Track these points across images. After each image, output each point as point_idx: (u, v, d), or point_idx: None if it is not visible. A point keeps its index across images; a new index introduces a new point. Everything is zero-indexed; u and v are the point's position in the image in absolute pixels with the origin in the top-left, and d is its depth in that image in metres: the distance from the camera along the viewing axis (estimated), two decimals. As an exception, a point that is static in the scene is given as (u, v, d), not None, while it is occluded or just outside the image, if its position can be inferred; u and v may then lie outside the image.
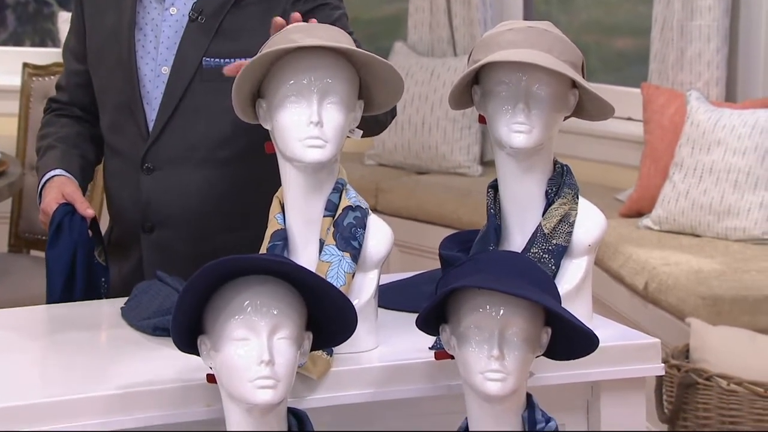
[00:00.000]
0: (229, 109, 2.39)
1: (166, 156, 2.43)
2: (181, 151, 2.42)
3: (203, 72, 2.42)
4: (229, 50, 2.41)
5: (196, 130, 2.42)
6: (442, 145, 4.95)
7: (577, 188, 2.10)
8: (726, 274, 3.73)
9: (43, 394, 1.87)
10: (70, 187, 2.46)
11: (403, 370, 1.98)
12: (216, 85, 2.39)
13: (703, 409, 3.27)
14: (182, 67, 2.42)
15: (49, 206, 2.44)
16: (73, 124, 2.58)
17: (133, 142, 2.46)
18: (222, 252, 2.24)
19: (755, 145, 4.01)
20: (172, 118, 2.42)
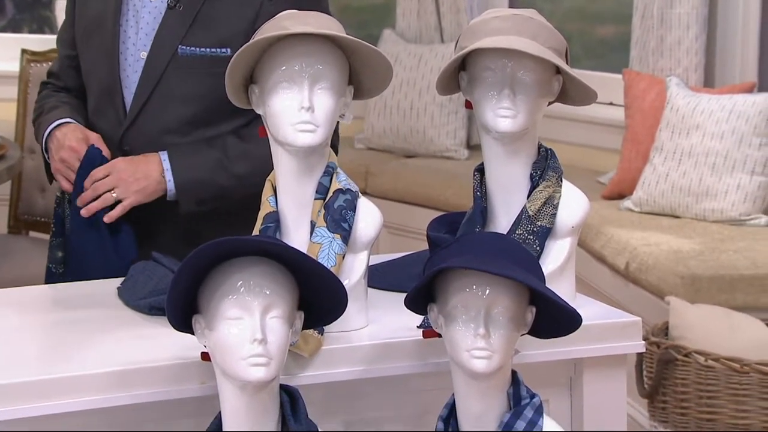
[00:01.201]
0: (203, 95, 2.45)
1: (142, 139, 2.47)
2: (155, 134, 2.47)
3: (178, 59, 2.45)
4: (205, 39, 2.45)
5: (169, 114, 2.46)
6: (430, 130, 4.98)
7: (561, 171, 2.11)
8: (704, 254, 3.76)
9: (41, 372, 1.88)
10: (94, 135, 2.48)
11: (392, 348, 2.00)
12: (190, 72, 2.44)
13: (682, 384, 3.31)
14: (159, 53, 2.46)
15: (80, 144, 2.45)
16: (73, 98, 2.61)
17: (112, 126, 2.50)
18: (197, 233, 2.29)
19: (732, 129, 4.05)
20: (147, 102, 2.46)
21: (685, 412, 3.34)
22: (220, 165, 2.48)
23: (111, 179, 2.45)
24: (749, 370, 3.23)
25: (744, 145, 4.04)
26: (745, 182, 4.04)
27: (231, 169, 2.48)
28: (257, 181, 2.47)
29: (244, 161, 2.48)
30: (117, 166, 2.46)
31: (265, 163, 2.48)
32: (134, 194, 2.46)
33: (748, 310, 3.51)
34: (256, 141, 2.47)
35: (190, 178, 2.47)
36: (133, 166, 2.46)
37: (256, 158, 2.44)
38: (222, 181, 2.48)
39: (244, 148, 2.49)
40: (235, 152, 2.48)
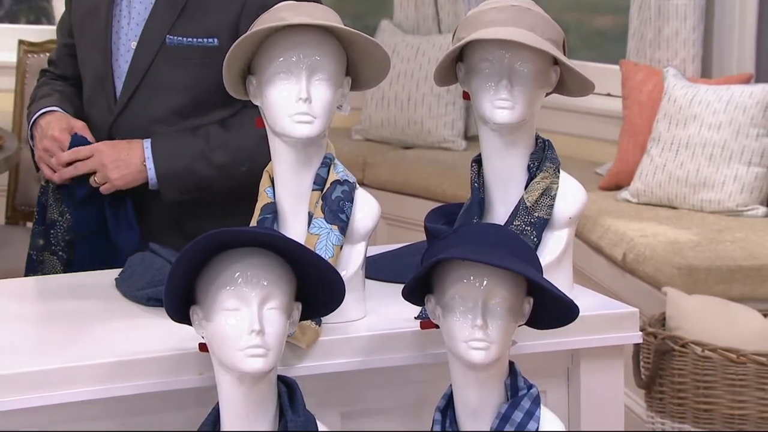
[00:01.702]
0: (191, 85, 2.46)
1: (129, 128, 2.49)
2: (143, 124, 2.49)
3: (167, 49, 2.47)
4: (193, 29, 2.46)
5: (157, 104, 2.48)
6: (427, 121, 4.98)
7: (559, 162, 2.12)
8: (701, 244, 3.77)
9: (38, 363, 1.88)
10: (79, 124, 2.50)
11: (389, 339, 2.00)
12: (178, 62, 2.46)
13: (679, 374, 3.32)
14: (147, 42, 2.47)
15: (62, 134, 2.47)
16: (68, 86, 2.63)
17: (103, 115, 2.52)
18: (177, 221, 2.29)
19: (730, 120, 4.05)
20: (136, 92, 2.48)
21: (682, 403, 3.35)
22: (202, 155, 2.50)
23: (92, 162, 2.47)
24: (746, 360, 3.24)
25: (741, 135, 4.05)
26: (742, 173, 4.05)
27: (212, 159, 2.50)
28: (239, 171, 2.51)
29: (225, 151, 2.50)
30: (100, 150, 2.48)
31: (247, 153, 2.51)
32: (114, 180, 2.48)
33: (745, 301, 3.52)
34: (239, 131, 2.51)
35: (171, 168, 2.49)
36: (116, 152, 2.48)
37: (238, 148, 2.47)
38: (203, 171, 2.50)
39: (226, 137, 2.50)
40: (216, 142, 2.50)
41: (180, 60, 2.47)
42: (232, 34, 2.46)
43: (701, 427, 3.34)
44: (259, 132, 2.51)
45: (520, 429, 1.85)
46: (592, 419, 2.14)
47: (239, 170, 2.50)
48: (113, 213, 2.51)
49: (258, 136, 2.50)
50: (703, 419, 3.33)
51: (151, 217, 2.53)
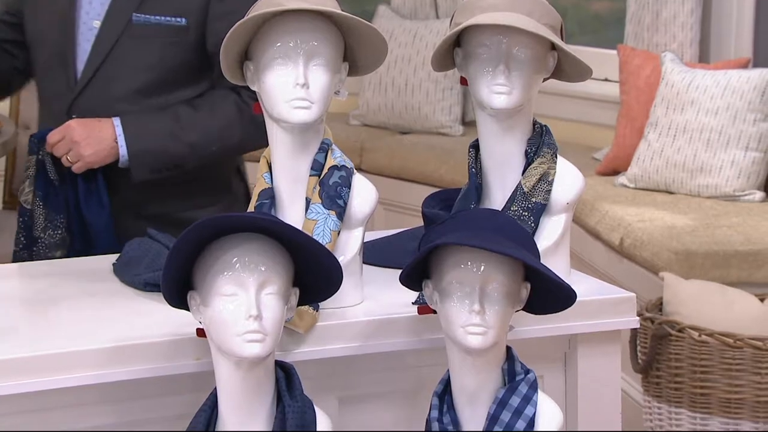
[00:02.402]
0: (155, 64, 2.48)
1: (91, 106, 2.52)
2: (105, 102, 2.51)
3: (132, 27, 2.49)
4: (161, 8, 2.49)
5: (121, 82, 2.51)
6: (425, 106, 4.98)
7: (556, 147, 2.12)
8: (698, 229, 3.77)
9: (35, 348, 1.88)
10: None
11: (387, 325, 2.01)
12: (144, 41, 2.47)
13: (676, 359, 3.33)
14: (113, 20, 2.49)
15: None
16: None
17: (61, 90, 2.54)
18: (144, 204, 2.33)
19: (727, 105, 4.05)
20: (99, 69, 2.50)
21: (679, 387, 3.36)
22: (172, 133, 2.52)
23: (65, 143, 2.50)
24: (743, 345, 3.24)
25: (739, 120, 4.05)
26: (739, 158, 4.05)
27: (183, 138, 2.52)
28: (208, 151, 2.55)
29: (195, 130, 2.53)
30: (72, 128, 2.50)
31: (217, 133, 2.55)
32: (87, 157, 2.49)
33: (742, 286, 3.53)
34: (208, 111, 2.54)
35: (143, 145, 2.51)
36: (87, 129, 2.49)
37: (208, 128, 2.51)
38: (174, 150, 2.52)
39: (195, 117, 2.53)
40: (186, 121, 2.52)
41: (145, 39, 2.50)
42: (201, 14, 2.50)
43: (698, 412, 3.35)
44: (228, 113, 2.56)
45: (518, 414, 1.85)
46: (589, 404, 2.14)
47: (209, 150, 2.55)
48: (85, 188, 2.52)
49: (227, 117, 2.56)
50: (699, 403, 3.34)
51: (113, 198, 2.54)
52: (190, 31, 2.53)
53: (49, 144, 2.50)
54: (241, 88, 2.57)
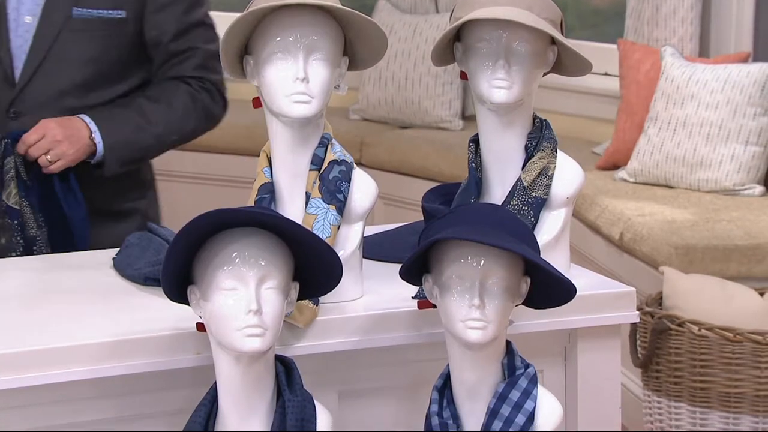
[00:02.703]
0: (97, 57, 2.52)
1: (35, 102, 2.54)
2: (49, 98, 2.54)
3: (72, 21, 2.51)
4: (99, 1, 2.53)
5: (64, 77, 2.54)
6: (425, 100, 4.98)
7: (556, 142, 2.12)
8: (698, 224, 3.78)
9: (35, 342, 1.88)
10: None
11: (387, 319, 2.01)
12: (84, 35, 2.50)
13: (675, 353, 3.33)
14: (52, 15, 2.52)
15: None
16: None
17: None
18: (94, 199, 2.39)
19: (727, 99, 4.05)
20: (41, 65, 2.52)
21: (679, 381, 3.36)
22: (140, 126, 2.58)
23: (45, 142, 2.51)
24: (742, 339, 3.25)
25: (738, 115, 4.05)
26: (739, 152, 4.05)
27: (150, 130, 2.59)
28: (169, 141, 2.64)
29: (159, 122, 2.59)
30: (51, 128, 2.51)
31: (178, 123, 2.62)
32: (69, 156, 2.52)
33: (742, 280, 3.53)
34: (166, 102, 2.61)
35: (117, 140, 2.56)
36: (66, 128, 2.53)
37: (169, 119, 2.58)
38: (143, 142, 2.60)
39: (157, 108, 2.60)
40: (151, 114, 2.59)
41: (86, 32, 2.53)
42: (139, 6, 2.54)
43: (697, 406, 3.35)
44: (185, 103, 2.63)
45: (518, 408, 1.85)
46: (589, 398, 2.15)
47: (170, 140, 2.64)
48: (62, 186, 2.54)
49: (184, 107, 2.63)
50: (699, 398, 3.34)
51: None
52: (128, 23, 2.57)
53: (25, 144, 2.50)
54: (189, 78, 2.64)
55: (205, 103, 2.67)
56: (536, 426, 1.86)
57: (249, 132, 5.14)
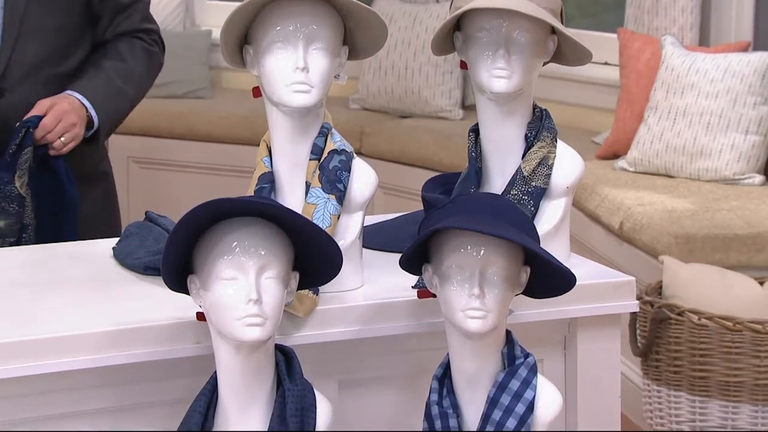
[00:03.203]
0: (61, 26, 2.56)
1: (17, 77, 2.55)
2: (31, 67, 2.55)
3: None
4: None
5: (37, 48, 2.55)
6: (425, 90, 4.98)
7: (556, 131, 2.12)
8: (698, 213, 3.78)
9: (35, 331, 1.88)
10: None
11: (386, 308, 2.01)
12: (48, 4, 2.52)
13: (675, 342, 3.33)
14: None
15: None
16: None
17: None
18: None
19: (727, 89, 4.05)
20: (19, 37, 2.54)
21: (678, 370, 3.37)
22: (119, 91, 2.63)
23: (63, 126, 2.54)
24: (742, 328, 3.25)
25: (738, 104, 4.05)
26: (739, 141, 4.05)
27: (127, 94, 2.64)
28: (139, 99, 2.69)
29: (131, 83, 2.65)
30: (65, 110, 2.54)
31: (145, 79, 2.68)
32: (81, 136, 2.56)
33: (742, 269, 3.54)
34: (131, 59, 2.65)
35: (108, 111, 2.60)
36: (73, 107, 2.55)
37: (138, 77, 2.64)
38: (123, 107, 2.66)
39: (126, 68, 2.64)
40: (122, 76, 2.63)
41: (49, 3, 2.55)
42: None
43: (697, 395, 3.36)
44: (144, 59, 2.67)
45: (517, 397, 1.85)
46: (589, 387, 2.15)
47: (139, 98, 2.69)
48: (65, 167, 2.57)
49: (145, 63, 2.68)
50: (698, 387, 3.35)
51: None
52: None
53: (45, 129, 2.51)
54: (140, 32, 2.68)
55: (159, 57, 2.73)
56: (536, 415, 1.86)
57: (249, 121, 5.15)
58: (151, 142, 5.40)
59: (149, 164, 5.46)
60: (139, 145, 5.42)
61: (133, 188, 5.46)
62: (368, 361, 2.04)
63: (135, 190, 5.46)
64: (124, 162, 5.48)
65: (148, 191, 5.42)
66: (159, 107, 5.35)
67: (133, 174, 5.47)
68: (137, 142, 5.42)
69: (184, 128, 5.34)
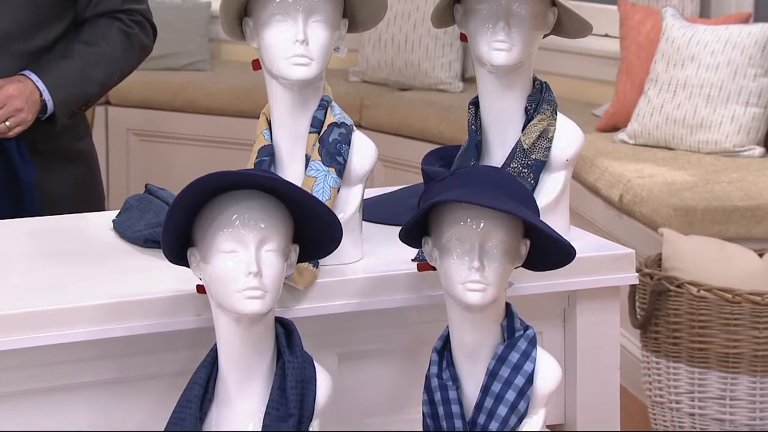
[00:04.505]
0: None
1: None
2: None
3: None
4: None
5: (8, 21, 2.52)
6: (425, 62, 4.97)
7: (556, 104, 2.11)
8: (698, 185, 3.78)
9: (35, 303, 1.88)
10: None
11: (386, 281, 2.01)
12: None
13: (674, 314, 3.34)
14: None
15: None
16: None
17: None
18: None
19: (728, 60, 4.05)
20: None
21: (677, 342, 3.37)
22: (84, 75, 2.58)
23: (5, 111, 2.51)
24: (741, 300, 3.26)
25: (739, 76, 4.04)
26: (739, 113, 4.05)
27: (93, 77, 2.60)
28: (111, 82, 2.65)
29: (100, 66, 2.60)
30: (12, 95, 2.51)
31: (118, 63, 2.64)
32: (29, 121, 2.53)
33: (741, 241, 3.54)
34: (104, 43, 2.61)
35: (65, 94, 2.56)
36: (21, 92, 2.52)
37: (110, 61, 2.60)
38: (88, 90, 2.61)
39: (96, 52, 2.60)
40: (90, 59, 2.59)
41: None
42: None
43: (696, 366, 3.37)
44: (120, 41, 2.64)
45: (517, 369, 1.86)
46: (588, 359, 2.15)
47: (112, 81, 2.65)
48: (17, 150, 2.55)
49: (121, 46, 2.64)
50: (697, 358, 3.36)
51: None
52: None
53: None
54: (120, 13, 2.65)
55: (140, 38, 2.68)
56: (535, 387, 1.86)
57: (248, 94, 5.14)
58: (150, 114, 5.39)
59: (149, 137, 5.46)
60: (138, 117, 5.42)
61: (133, 161, 5.46)
62: (368, 333, 2.04)
63: (134, 163, 5.46)
64: (124, 134, 5.48)
65: (147, 164, 5.42)
66: (158, 79, 5.34)
67: (132, 146, 5.47)
68: (137, 115, 5.42)
69: (184, 101, 5.34)
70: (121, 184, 5.37)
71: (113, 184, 5.31)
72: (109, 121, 5.44)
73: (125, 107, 5.42)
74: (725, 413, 3.36)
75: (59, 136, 2.61)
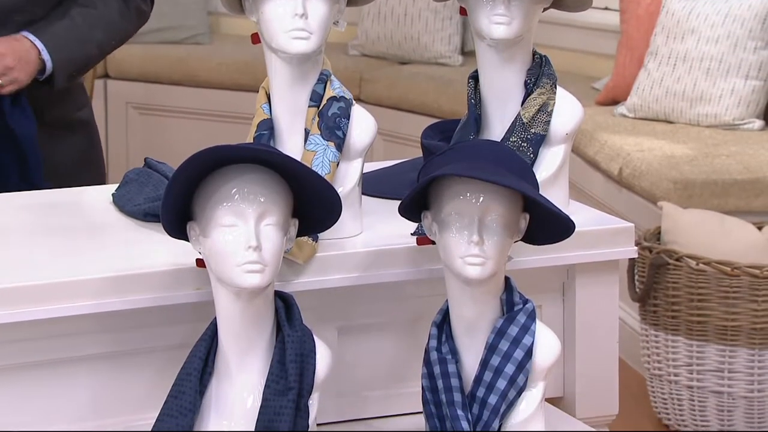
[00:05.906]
0: None
1: None
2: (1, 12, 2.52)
3: None
4: None
5: None
6: (424, 36, 4.96)
7: (556, 78, 2.11)
8: (697, 159, 3.78)
9: (35, 276, 1.88)
10: None
11: (386, 255, 2.01)
12: None
13: (673, 288, 3.35)
14: None
15: None
16: None
17: None
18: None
19: (727, 34, 4.04)
20: None
21: (676, 315, 3.38)
22: (83, 36, 2.59)
23: None
24: (740, 273, 3.27)
25: (739, 49, 4.03)
26: (739, 86, 4.04)
27: (92, 39, 2.60)
28: (110, 47, 2.66)
29: (99, 28, 2.61)
30: (3, 55, 2.51)
31: (116, 26, 2.63)
32: (22, 81, 2.52)
33: (740, 214, 3.55)
34: (103, 7, 2.61)
35: (64, 54, 2.56)
36: (15, 52, 2.52)
37: (108, 24, 2.60)
38: (87, 51, 2.61)
39: (95, 15, 2.60)
40: (89, 21, 2.59)
41: None
42: None
43: (694, 339, 3.38)
44: (117, 5, 2.63)
45: (516, 343, 1.86)
46: (587, 333, 2.16)
47: (110, 45, 2.66)
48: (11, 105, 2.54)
49: (119, 9, 2.64)
50: (696, 331, 3.37)
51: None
52: None
53: None
54: None
55: (137, 3, 2.68)
56: (534, 361, 1.87)
57: (248, 67, 5.13)
58: (149, 88, 5.39)
59: (148, 110, 5.45)
60: (137, 91, 5.41)
61: (132, 134, 5.46)
62: (367, 307, 2.04)
63: (134, 136, 5.46)
64: (123, 108, 5.47)
65: (146, 137, 5.42)
66: (157, 53, 5.33)
67: (131, 120, 5.47)
68: (136, 88, 5.41)
69: (183, 74, 5.33)
70: (121, 158, 5.37)
71: (112, 157, 5.31)
72: (108, 95, 5.43)
73: (124, 80, 5.42)
74: (723, 386, 3.37)
75: (59, 103, 2.60)
